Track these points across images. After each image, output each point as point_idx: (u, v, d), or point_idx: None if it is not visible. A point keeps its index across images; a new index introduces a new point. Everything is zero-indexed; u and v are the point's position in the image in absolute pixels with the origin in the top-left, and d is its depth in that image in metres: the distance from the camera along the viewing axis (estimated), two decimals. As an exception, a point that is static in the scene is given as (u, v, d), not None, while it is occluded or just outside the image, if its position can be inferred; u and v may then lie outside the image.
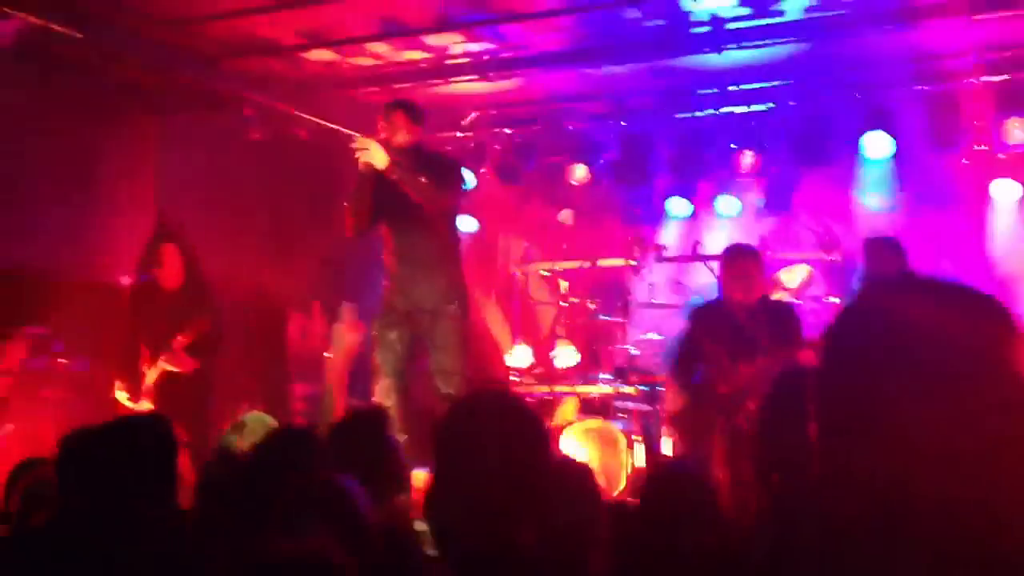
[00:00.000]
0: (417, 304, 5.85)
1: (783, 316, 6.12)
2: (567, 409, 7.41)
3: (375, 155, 5.57)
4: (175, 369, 6.54)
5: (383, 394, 5.79)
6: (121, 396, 6.59)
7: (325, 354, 8.99)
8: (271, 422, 4.18)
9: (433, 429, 2.31)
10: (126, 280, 7.45)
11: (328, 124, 8.54)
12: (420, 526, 3.33)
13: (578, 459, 6.95)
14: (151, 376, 6.56)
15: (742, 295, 6.04)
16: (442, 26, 7.21)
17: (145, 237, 7.92)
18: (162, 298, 6.72)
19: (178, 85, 7.74)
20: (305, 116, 8.45)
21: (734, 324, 6.01)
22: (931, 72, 7.74)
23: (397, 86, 8.06)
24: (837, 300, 7.67)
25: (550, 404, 8.32)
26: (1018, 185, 8.03)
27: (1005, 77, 7.56)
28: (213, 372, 6.82)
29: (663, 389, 7.53)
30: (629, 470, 7.03)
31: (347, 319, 8.61)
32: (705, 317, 6.21)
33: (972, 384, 1.33)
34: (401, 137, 5.71)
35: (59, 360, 7.16)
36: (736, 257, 6.18)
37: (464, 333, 5.98)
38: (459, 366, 5.84)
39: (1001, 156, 7.83)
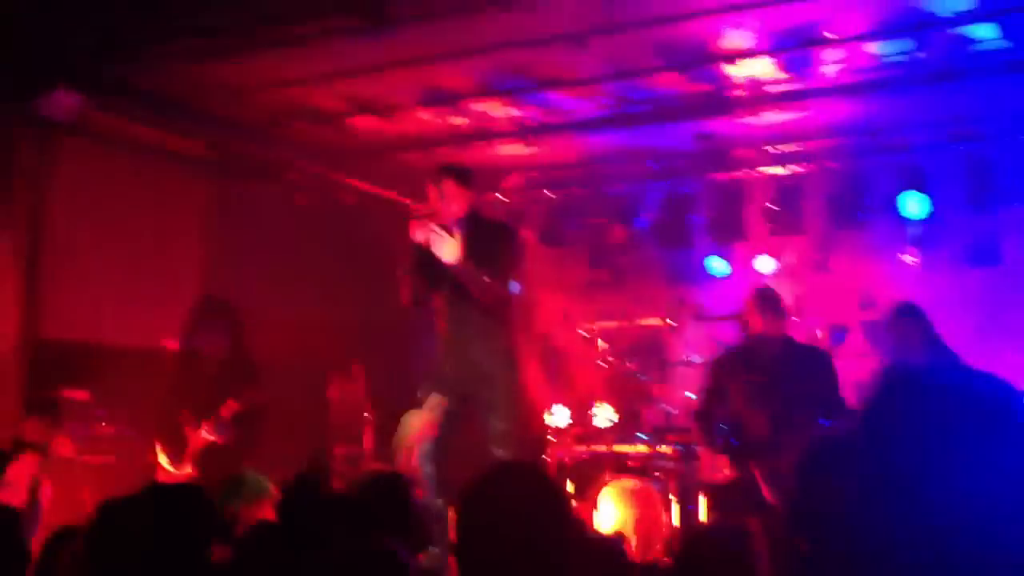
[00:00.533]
0: (471, 370, 5.77)
1: (815, 360, 6.06)
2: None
3: (447, 248, 5.51)
4: (215, 439, 6.57)
5: (422, 459, 5.71)
6: (163, 460, 6.62)
7: (365, 414, 9.06)
8: (266, 482, 4.22)
9: (456, 502, 2.30)
10: (171, 344, 7.53)
11: (374, 189, 8.71)
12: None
13: (614, 521, 7.03)
14: (195, 442, 6.60)
15: (765, 327, 5.99)
16: (485, 92, 7.38)
17: (191, 302, 8.08)
18: (206, 366, 6.77)
19: (225, 153, 7.92)
20: (351, 182, 8.61)
21: (760, 364, 5.94)
22: (968, 132, 7.83)
23: (441, 150, 8.23)
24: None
25: (588, 464, 8.35)
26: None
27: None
28: (257, 442, 6.82)
29: (698, 448, 7.55)
30: (665, 530, 7.02)
31: None
32: (727, 363, 6.19)
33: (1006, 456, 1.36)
34: (454, 205, 5.68)
35: (101, 425, 7.22)
36: (760, 294, 6.24)
37: (519, 396, 5.94)
38: (515, 429, 5.78)
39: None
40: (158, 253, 8.16)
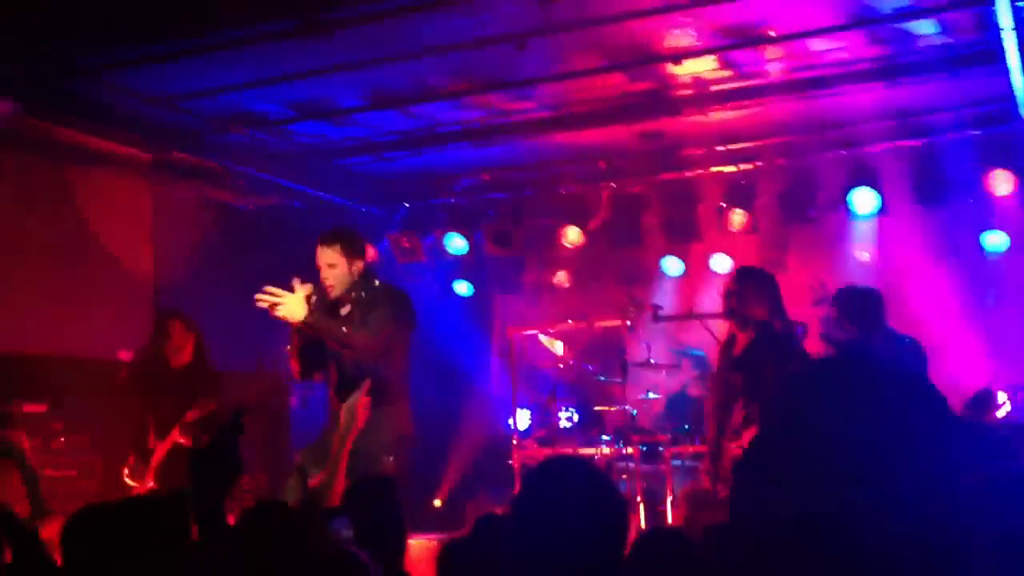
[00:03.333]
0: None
1: (776, 350, 5.43)
2: None
3: (292, 309, 5.06)
4: (185, 444, 6.42)
5: None
6: (124, 473, 6.51)
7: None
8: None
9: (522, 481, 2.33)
10: (125, 355, 7.45)
11: (321, 193, 8.67)
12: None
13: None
14: (160, 451, 6.47)
15: (729, 320, 5.55)
16: (429, 95, 7.34)
17: (144, 312, 8.00)
18: (169, 374, 6.68)
19: (171, 160, 7.86)
20: (297, 186, 8.55)
21: (726, 363, 5.57)
22: (913, 127, 7.84)
23: (388, 154, 8.19)
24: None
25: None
26: (1006, 236, 8.07)
27: (985, 131, 7.66)
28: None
29: (663, 449, 7.52)
30: (633, 532, 6.97)
31: None
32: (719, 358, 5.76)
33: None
34: (344, 275, 5.29)
35: (60, 439, 7.14)
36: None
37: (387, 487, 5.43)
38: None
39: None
40: (107, 262, 8.09)
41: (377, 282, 5.51)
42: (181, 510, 2.99)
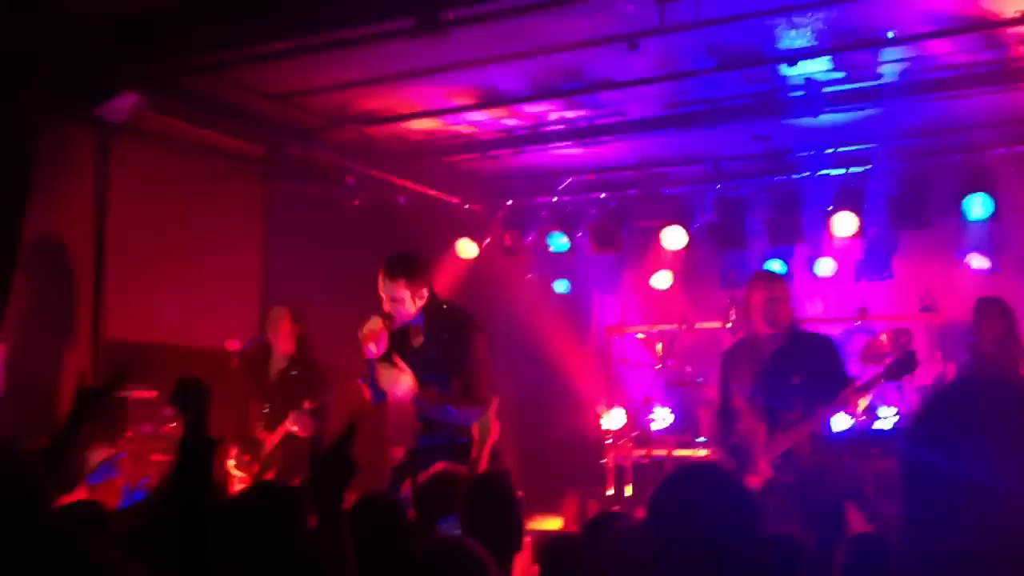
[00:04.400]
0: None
1: (820, 350, 5.39)
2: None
3: (400, 384, 5.05)
4: (298, 431, 6.47)
5: None
6: (230, 464, 6.61)
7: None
8: None
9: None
10: (233, 345, 7.60)
11: (426, 190, 8.76)
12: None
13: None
14: (272, 440, 6.56)
15: (766, 325, 5.40)
16: (539, 95, 7.37)
17: (252, 303, 8.17)
18: (276, 366, 6.77)
19: (283, 155, 8.02)
20: (404, 183, 8.66)
21: (760, 362, 5.41)
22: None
23: (495, 152, 8.25)
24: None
25: (649, 468, 8.33)
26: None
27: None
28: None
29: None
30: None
31: None
32: (731, 359, 5.65)
33: None
34: (409, 307, 5.17)
35: (170, 425, 7.31)
36: (757, 283, 5.57)
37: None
38: None
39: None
40: (218, 254, 8.28)
41: (445, 306, 5.37)
42: (303, 503, 3.07)
